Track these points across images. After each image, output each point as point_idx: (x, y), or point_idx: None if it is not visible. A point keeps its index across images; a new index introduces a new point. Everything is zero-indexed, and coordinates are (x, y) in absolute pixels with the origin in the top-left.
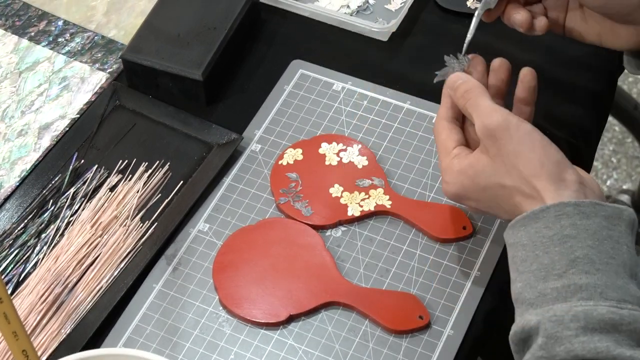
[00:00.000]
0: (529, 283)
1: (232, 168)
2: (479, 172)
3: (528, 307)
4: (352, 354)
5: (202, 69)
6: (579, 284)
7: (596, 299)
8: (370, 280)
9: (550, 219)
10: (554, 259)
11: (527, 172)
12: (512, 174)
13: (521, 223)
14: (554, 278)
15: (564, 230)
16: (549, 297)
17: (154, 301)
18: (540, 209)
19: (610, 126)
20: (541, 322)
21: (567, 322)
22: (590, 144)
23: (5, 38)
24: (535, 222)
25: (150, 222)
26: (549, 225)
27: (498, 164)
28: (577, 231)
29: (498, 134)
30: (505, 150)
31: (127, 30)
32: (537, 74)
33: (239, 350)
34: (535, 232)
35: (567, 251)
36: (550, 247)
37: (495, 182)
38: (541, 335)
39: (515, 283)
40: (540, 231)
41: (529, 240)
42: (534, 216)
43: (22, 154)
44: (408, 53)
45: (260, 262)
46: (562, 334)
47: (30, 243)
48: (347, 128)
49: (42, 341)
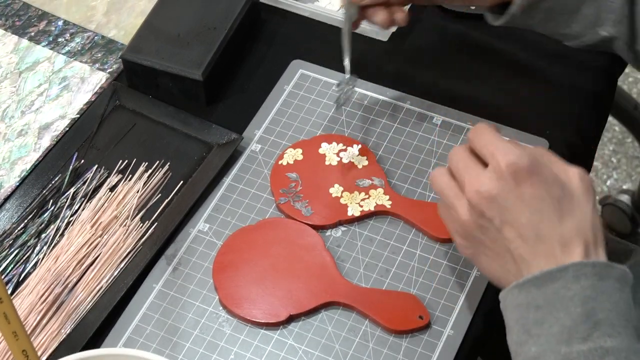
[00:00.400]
0: (549, 347)
1: (232, 168)
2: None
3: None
4: (352, 354)
5: (202, 69)
6: (605, 347)
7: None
8: (370, 280)
9: (569, 279)
10: (577, 321)
11: (545, 229)
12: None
13: (533, 283)
14: (579, 341)
15: (585, 292)
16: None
17: (154, 301)
18: (558, 268)
19: (610, 126)
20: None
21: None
22: (590, 144)
23: (5, 38)
24: (552, 283)
25: (150, 222)
26: (568, 285)
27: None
28: (596, 293)
29: (533, 169)
30: (531, 191)
31: (127, 30)
32: (538, 73)
33: (239, 350)
34: (553, 293)
35: (590, 313)
36: (571, 309)
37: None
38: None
39: (525, 346)
40: (558, 292)
41: (546, 301)
42: (550, 276)
43: (22, 154)
44: (408, 53)
45: (260, 262)
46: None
47: (30, 243)
48: (347, 128)
49: (42, 341)
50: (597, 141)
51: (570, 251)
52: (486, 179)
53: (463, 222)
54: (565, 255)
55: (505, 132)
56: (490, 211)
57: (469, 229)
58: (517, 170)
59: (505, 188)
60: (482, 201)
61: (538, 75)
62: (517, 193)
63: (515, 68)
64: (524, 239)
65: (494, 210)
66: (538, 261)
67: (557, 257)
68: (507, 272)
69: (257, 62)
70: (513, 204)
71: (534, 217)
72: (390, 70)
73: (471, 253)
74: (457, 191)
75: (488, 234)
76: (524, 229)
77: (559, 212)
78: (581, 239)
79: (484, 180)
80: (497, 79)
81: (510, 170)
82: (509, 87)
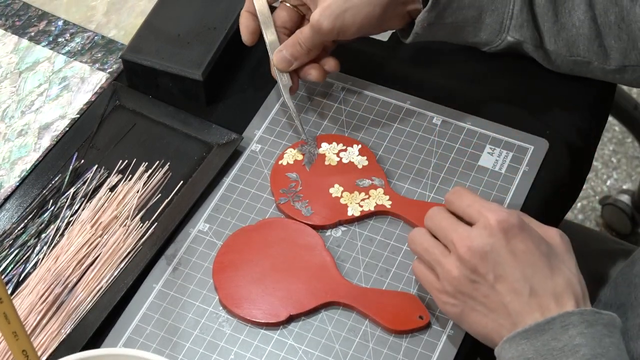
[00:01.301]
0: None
1: (232, 168)
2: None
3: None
4: (352, 354)
5: (202, 69)
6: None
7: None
8: (370, 280)
9: (558, 330)
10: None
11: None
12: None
13: (523, 336)
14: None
15: (574, 340)
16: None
17: (154, 301)
18: (546, 320)
19: (610, 126)
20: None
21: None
22: (590, 144)
23: (5, 38)
24: (541, 335)
25: (150, 222)
26: (557, 336)
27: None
28: (586, 340)
29: (522, 226)
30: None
31: (127, 30)
32: (538, 73)
33: (239, 350)
34: (542, 345)
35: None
36: (562, 359)
37: (534, 262)
38: None
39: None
40: (548, 343)
41: (536, 353)
42: (538, 328)
43: (22, 154)
44: (408, 53)
45: (260, 262)
46: None
47: (30, 243)
48: (347, 128)
49: (42, 341)
50: (597, 141)
51: (563, 304)
52: (477, 235)
53: (453, 278)
54: (559, 308)
55: (506, 132)
56: (484, 267)
57: (460, 285)
58: (508, 226)
59: (497, 244)
60: (475, 257)
61: (538, 75)
62: (509, 249)
63: (515, 68)
64: (517, 294)
65: (487, 265)
66: (534, 315)
67: (551, 311)
68: (500, 326)
69: (257, 62)
70: (505, 259)
71: (527, 271)
72: (390, 70)
73: (459, 311)
74: (442, 249)
75: (480, 290)
76: (517, 284)
77: (549, 267)
78: (571, 293)
79: (475, 237)
80: (496, 79)
81: (501, 226)
82: (509, 87)
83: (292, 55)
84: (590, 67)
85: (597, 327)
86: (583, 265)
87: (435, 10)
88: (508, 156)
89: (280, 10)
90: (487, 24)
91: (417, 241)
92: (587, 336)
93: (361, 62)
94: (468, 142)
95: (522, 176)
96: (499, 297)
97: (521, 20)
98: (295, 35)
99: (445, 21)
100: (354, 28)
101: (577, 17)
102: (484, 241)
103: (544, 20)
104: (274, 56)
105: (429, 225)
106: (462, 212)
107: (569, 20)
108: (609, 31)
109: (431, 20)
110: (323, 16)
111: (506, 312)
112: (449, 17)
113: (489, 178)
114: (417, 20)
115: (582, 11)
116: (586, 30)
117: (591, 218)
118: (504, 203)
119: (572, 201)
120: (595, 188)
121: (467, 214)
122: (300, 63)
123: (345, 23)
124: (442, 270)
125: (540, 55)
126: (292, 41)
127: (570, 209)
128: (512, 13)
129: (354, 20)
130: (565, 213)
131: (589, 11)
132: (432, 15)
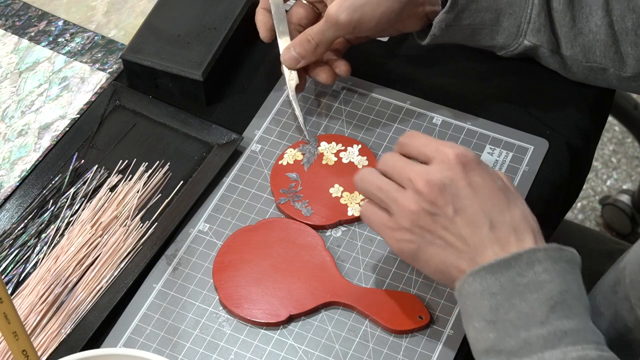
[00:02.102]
0: (506, 332)
1: (232, 168)
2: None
3: (510, 356)
4: (352, 354)
5: (202, 69)
6: (563, 329)
7: (581, 343)
8: (370, 280)
9: (523, 266)
10: (534, 306)
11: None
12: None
13: (488, 270)
14: (537, 325)
15: (539, 277)
16: (535, 345)
17: (154, 301)
18: (512, 256)
19: (610, 126)
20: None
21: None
22: (590, 144)
23: (5, 38)
24: (507, 270)
25: (150, 222)
26: (522, 272)
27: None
28: (550, 276)
29: (478, 160)
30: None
31: (127, 30)
32: (538, 73)
33: (239, 350)
34: (508, 281)
35: (545, 297)
36: (527, 295)
37: (493, 189)
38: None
39: (484, 332)
40: (513, 279)
41: (501, 288)
42: (504, 264)
43: (22, 154)
44: (408, 53)
45: (260, 262)
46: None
47: (30, 243)
48: (347, 128)
49: (42, 341)
50: (597, 141)
51: (522, 238)
52: (435, 170)
53: (411, 212)
54: (519, 242)
55: (506, 132)
56: (443, 200)
57: (418, 219)
58: (466, 160)
59: (456, 177)
60: (434, 190)
61: (538, 75)
62: (467, 182)
63: (515, 68)
64: (477, 226)
65: (446, 198)
66: (493, 248)
67: (511, 244)
68: (459, 259)
69: (257, 62)
70: (464, 193)
71: (486, 204)
72: (390, 70)
73: (416, 247)
74: (397, 187)
75: (439, 222)
76: (477, 216)
77: (506, 201)
78: (529, 227)
79: (433, 171)
80: (497, 79)
81: (459, 160)
82: (509, 87)
83: (299, 52)
84: (606, 74)
85: (561, 263)
86: (583, 266)
87: (453, 12)
88: (508, 156)
89: (297, 7)
90: (505, 27)
91: (367, 180)
92: (551, 272)
93: (361, 62)
94: (468, 142)
95: (522, 176)
96: (458, 230)
97: (538, 25)
98: (305, 32)
99: (462, 23)
100: (372, 23)
101: (594, 22)
102: (442, 174)
103: (561, 25)
104: (282, 53)
105: (382, 167)
106: (418, 152)
107: (586, 25)
108: (625, 38)
109: (449, 21)
110: (341, 8)
111: (465, 245)
112: (467, 19)
113: None
114: (435, 22)
115: (599, 17)
116: (603, 36)
117: (591, 218)
118: None
119: (572, 201)
120: (595, 188)
121: (423, 153)
122: (307, 61)
123: (363, 17)
124: (397, 207)
125: (556, 61)
126: (301, 38)
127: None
128: (529, 17)
129: (372, 14)
130: (565, 213)
131: (606, 17)
132: (450, 16)
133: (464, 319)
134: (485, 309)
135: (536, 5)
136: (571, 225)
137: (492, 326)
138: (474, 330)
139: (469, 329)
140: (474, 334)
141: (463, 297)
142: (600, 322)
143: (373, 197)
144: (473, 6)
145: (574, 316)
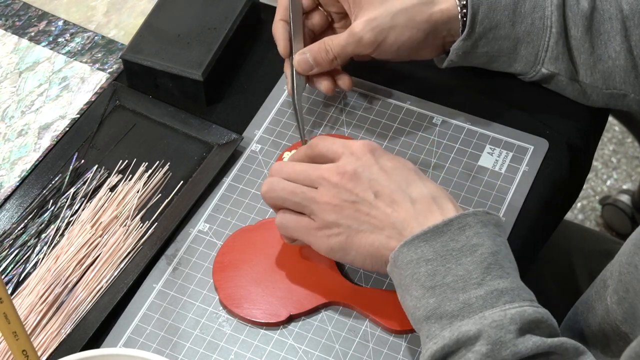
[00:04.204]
0: (445, 296)
1: (232, 168)
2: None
3: (451, 319)
4: (352, 354)
5: (202, 69)
6: (499, 289)
7: (518, 301)
8: (370, 280)
9: (455, 231)
10: (469, 269)
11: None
12: None
13: (421, 238)
14: (474, 287)
15: (471, 240)
16: (475, 305)
17: (154, 301)
18: (444, 222)
19: (610, 126)
20: (483, 331)
21: (507, 325)
22: (590, 144)
23: (5, 38)
24: (439, 236)
25: (151, 222)
26: (455, 237)
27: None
28: (482, 239)
29: (384, 149)
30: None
31: (127, 30)
32: None
33: (239, 350)
34: (441, 246)
35: (479, 259)
36: (461, 259)
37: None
38: (484, 344)
39: (423, 299)
40: (447, 244)
41: (436, 254)
42: (437, 230)
43: (22, 154)
44: None
45: (260, 262)
46: (505, 338)
47: (30, 243)
48: (347, 128)
49: (42, 341)
50: (597, 141)
51: (443, 206)
52: (345, 162)
53: (334, 206)
54: (441, 210)
55: (506, 132)
56: (360, 186)
57: (341, 210)
58: (373, 148)
59: (367, 163)
60: (351, 180)
61: None
62: (379, 166)
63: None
64: (398, 203)
65: (363, 184)
66: (418, 219)
67: (434, 213)
68: (389, 238)
69: (257, 62)
70: (379, 176)
71: (402, 184)
72: (390, 70)
73: (344, 239)
74: (309, 188)
75: (362, 209)
76: (396, 194)
77: (419, 178)
78: (446, 196)
79: (344, 164)
80: (497, 79)
81: (366, 149)
82: (509, 87)
83: (315, 60)
84: (626, 100)
85: (490, 226)
86: (583, 265)
87: (470, 40)
88: (508, 156)
89: (313, 14)
90: (522, 55)
91: (277, 188)
92: (482, 235)
93: (361, 62)
94: (468, 142)
95: (522, 176)
96: (381, 211)
97: (557, 53)
98: (323, 41)
99: (479, 51)
100: (394, 47)
101: (613, 48)
102: (354, 164)
103: (579, 52)
104: (296, 57)
105: (286, 174)
106: (327, 149)
107: (605, 52)
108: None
109: (466, 49)
110: (367, 28)
111: (391, 223)
112: (484, 47)
113: (489, 178)
114: (452, 48)
115: (618, 42)
116: (622, 62)
117: (591, 218)
118: (503, 203)
119: (572, 201)
120: (595, 188)
121: (333, 150)
122: (320, 71)
123: (387, 40)
124: (317, 205)
125: (575, 89)
126: (319, 47)
127: (570, 209)
128: (547, 45)
129: (396, 39)
130: (565, 213)
131: (624, 42)
132: (468, 44)
133: (400, 290)
134: (423, 276)
135: (554, 33)
136: (571, 225)
137: (431, 292)
138: (412, 299)
139: (406, 299)
140: (413, 302)
141: (398, 269)
142: (592, 317)
143: (287, 204)
144: (490, 34)
145: (508, 276)
